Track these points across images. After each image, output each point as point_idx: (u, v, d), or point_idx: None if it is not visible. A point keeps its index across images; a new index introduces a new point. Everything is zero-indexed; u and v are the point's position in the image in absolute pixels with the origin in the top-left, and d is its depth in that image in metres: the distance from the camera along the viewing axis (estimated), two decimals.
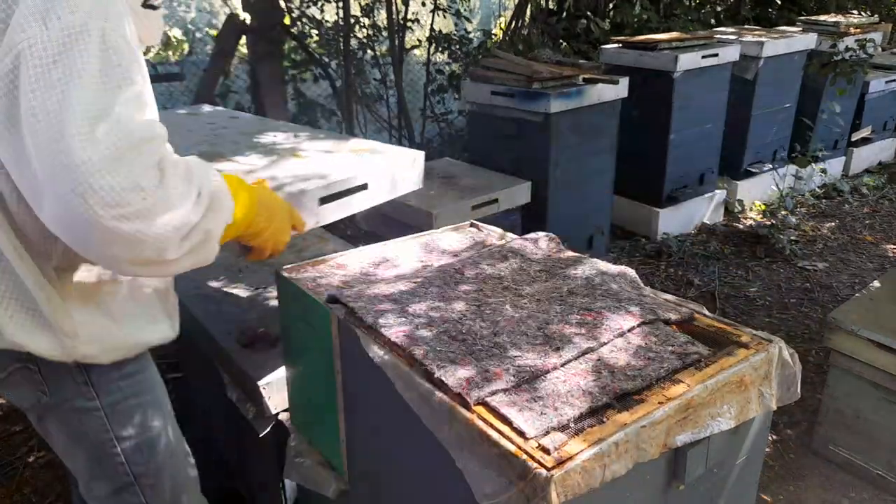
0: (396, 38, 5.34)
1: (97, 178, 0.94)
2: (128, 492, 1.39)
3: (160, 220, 1.01)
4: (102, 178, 0.95)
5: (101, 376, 1.30)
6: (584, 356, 1.18)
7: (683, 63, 4.02)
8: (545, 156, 3.45)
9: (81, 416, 1.31)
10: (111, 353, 1.27)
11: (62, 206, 0.96)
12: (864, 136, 5.63)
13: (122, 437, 1.34)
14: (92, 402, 1.30)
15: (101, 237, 0.98)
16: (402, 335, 1.23)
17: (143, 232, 1.00)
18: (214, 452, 2.49)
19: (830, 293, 3.79)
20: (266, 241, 1.35)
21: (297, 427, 1.67)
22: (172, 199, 1.03)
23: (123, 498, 1.39)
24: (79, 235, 1.00)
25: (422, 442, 1.13)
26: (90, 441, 1.33)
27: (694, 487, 1.16)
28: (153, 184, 1.00)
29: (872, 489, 2.37)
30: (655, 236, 4.41)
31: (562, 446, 0.96)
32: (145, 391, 1.37)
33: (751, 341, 1.23)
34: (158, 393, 1.41)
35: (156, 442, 1.39)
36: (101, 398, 1.31)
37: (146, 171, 1.00)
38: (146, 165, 1.00)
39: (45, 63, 0.94)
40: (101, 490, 1.39)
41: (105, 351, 1.26)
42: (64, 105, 0.94)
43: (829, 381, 2.45)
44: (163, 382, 1.45)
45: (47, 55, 0.95)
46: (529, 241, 1.65)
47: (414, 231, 1.88)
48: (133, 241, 1.00)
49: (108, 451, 1.34)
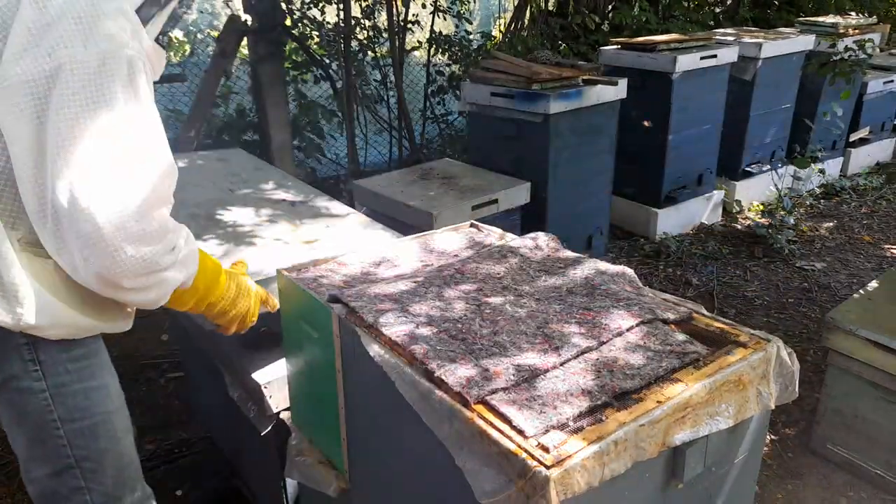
0: (397, 39, 5.35)
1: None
2: (68, 474, 1.39)
3: (140, 249, 1.17)
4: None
5: (49, 356, 1.31)
6: (584, 355, 1.19)
7: (682, 64, 4.03)
8: (544, 156, 3.46)
9: (26, 396, 1.32)
10: (58, 329, 1.28)
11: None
12: (862, 136, 5.64)
13: (65, 420, 1.34)
14: (38, 382, 1.31)
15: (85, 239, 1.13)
16: (403, 334, 1.24)
17: (129, 254, 1.16)
18: (216, 451, 2.50)
19: (828, 293, 3.80)
20: (230, 322, 1.53)
21: (298, 426, 1.68)
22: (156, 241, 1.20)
23: (63, 480, 1.39)
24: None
25: (422, 440, 1.14)
26: (33, 421, 1.34)
27: (692, 486, 1.17)
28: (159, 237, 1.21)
29: (871, 488, 2.38)
30: (654, 236, 4.42)
31: (561, 445, 0.97)
32: (93, 376, 1.38)
33: (749, 341, 1.23)
34: (107, 380, 1.41)
35: (99, 427, 1.39)
36: (47, 379, 1.31)
37: (163, 249, 1.21)
38: (162, 250, 1.21)
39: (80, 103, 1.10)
40: (39, 471, 1.39)
41: (53, 326, 1.27)
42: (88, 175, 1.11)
43: (827, 380, 2.46)
44: (114, 371, 1.46)
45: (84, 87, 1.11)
46: (529, 241, 1.66)
47: (414, 231, 1.88)
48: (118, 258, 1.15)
49: (51, 432, 1.35)
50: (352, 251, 1.69)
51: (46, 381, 1.32)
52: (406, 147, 5.65)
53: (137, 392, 2.94)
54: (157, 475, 2.42)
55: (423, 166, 3.71)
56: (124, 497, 1.47)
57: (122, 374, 1.78)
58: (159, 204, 1.21)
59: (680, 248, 4.29)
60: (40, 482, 1.40)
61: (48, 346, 1.30)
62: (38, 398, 1.32)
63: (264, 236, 2.06)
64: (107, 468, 1.42)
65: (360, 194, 3.37)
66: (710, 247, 4.33)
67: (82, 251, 1.14)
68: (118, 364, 1.79)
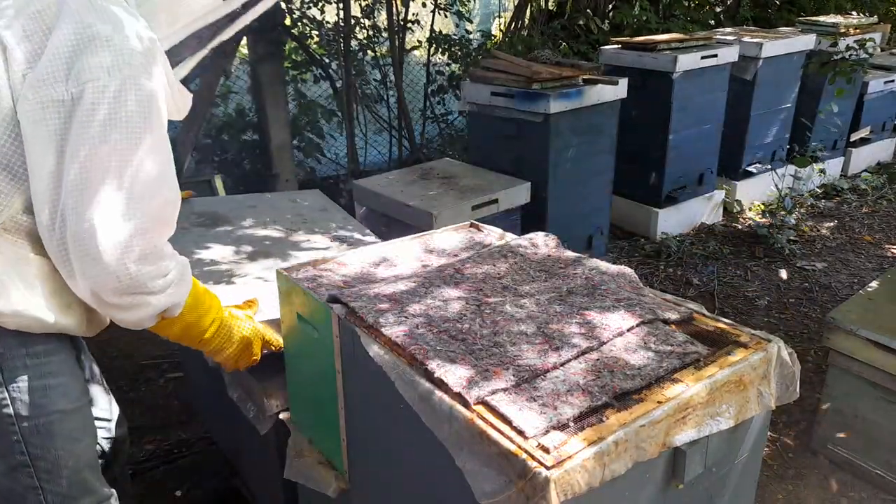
0: (397, 38, 5.34)
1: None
2: (22, 472, 1.38)
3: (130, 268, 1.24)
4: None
5: (7, 350, 1.31)
6: (584, 355, 1.19)
7: (683, 64, 4.03)
8: (545, 156, 3.46)
9: None
10: (16, 318, 1.28)
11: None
12: (862, 136, 5.64)
13: (21, 416, 1.34)
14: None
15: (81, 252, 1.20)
16: (403, 334, 1.23)
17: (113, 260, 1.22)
18: (215, 451, 2.49)
19: (829, 293, 3.80)
20: (227, 360, 1.58)
21: (298, 426, 1.67)
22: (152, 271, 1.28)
23: (17, 478, 1.38)
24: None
25: (422, 441, 1.14)
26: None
27: (693, 486, 1.17)
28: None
29: (871, 488, 2.38)
30: (654, 236, 4.42)
31: (561, 445, 0.97)
32: (52, 374, 1.37)
33: (750, 341, 1.23)
34: (67, 379, 1.41)
35: (55, 426, 1.38)
36: (3, 372, 1.31)
37: (155, 273, 1.28)
38: (154, 273, 1.28)
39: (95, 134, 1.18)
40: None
41: (12, 314, 1.27)
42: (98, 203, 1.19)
43: (827, 380, 2.45)
44: (78, 372, 1.46)
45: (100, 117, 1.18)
46: (529, 241, 1.65)
47: (414, 231, 1.88)
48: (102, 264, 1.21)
49: (6, 427, 1.34)
50: (352, 251, 1.69)
51: (3, 374, 1.31)
52: (406, 147, 5.64)
53: (137, 392, 2.94)
54: (156, 475, 2.42)
55: (423, 166, 3.70)
56: (80, 499, 1.46)
57: (122, 374, 1.79)
58: (159, 229, 1.29)
59: (680, 248, 4.28)
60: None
61: (6, 340, 1.30)
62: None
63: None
64: (62, 468, 1.41)
65: (359, 194, 3.37)
66: (711, 247, 4.33)
67: (80, 263, 1.21)
68: (118, 364, 1.79)
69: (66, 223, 1.19)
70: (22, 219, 1.26)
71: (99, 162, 1.18)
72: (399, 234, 1.87)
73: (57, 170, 1.19)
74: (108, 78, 1.18)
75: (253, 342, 1.60)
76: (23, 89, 1.18)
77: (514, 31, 6.17)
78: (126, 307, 1.29)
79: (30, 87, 1.17)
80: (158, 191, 1.27)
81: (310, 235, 2.20)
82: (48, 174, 1.19)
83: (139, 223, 1.23)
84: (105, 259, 1.20)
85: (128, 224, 1.22)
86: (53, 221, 1.21)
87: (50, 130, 1.18)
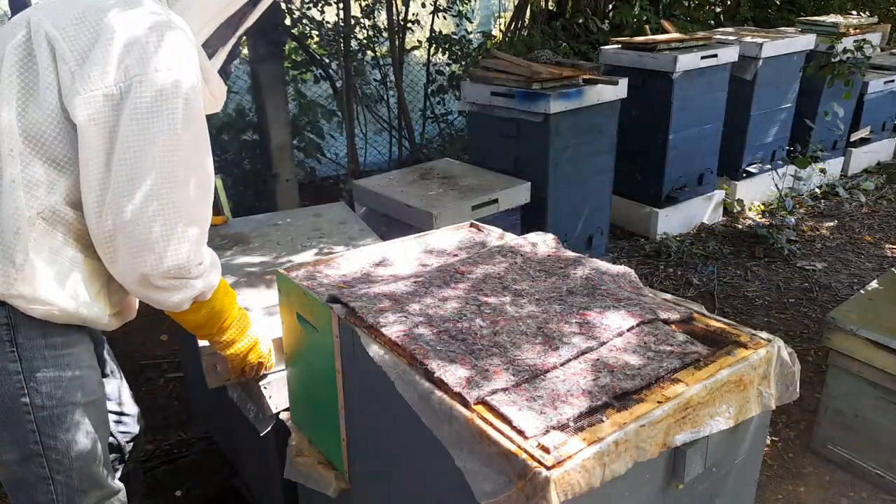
0: (397, 38, 5.34)
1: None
2: (34, 462, 1.40)
3: (174, 254, 1.32)
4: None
5: (26, 340, 1.34)
6: (584, 356, 1.19)
7: (683, 64, 4.03)
8: (545, 156, 3.45)
9: (1, 376, 1.33)
10: (41, 306, 1.31)
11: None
12: (862, 136, 5.63)
13: (36, 406, 1.36)
14: (13, 363, 1.33)
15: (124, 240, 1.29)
16: (402, 334, 1.23)
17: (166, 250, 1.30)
18: (216, 451, 2.49)
19: (829, 293, 3.80)
20: (237, 356, 1.58)
21: (298, 426, 1.67)
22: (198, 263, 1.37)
23: (29, 468, 1.40)
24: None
25: (422, 441, 1.14)
26: (4, 403, 1.35)
27: (693, 486, 1.17)
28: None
29: (871, 488, 2.38)
30: (654, 236, 4.42)
31: (561, 445, 0.97)
32: (69, 366, 1.39)
33: (750, 341, 1.23)
34: (84, 373, 1.43)
35: (68, 417, 1.41)
36: (22, 362, 1.34)
37: (195, 260, 1.37)
38: (195, 260, 1.37)
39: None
40: (8, 455, 1.40)
41: (37, 300, 1.30)
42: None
43: (828, 380, 2.45)
44: (96, 366, 1.49)
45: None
46: (529, 242, 1.65)
47: (414, 231, 1.88)
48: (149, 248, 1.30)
49: (21, 416, 1.36)
50: (352, 251, 1.69)
51: (21, 364, 1.34)
52: (406, 147, 5.64)
53: (137, 392, 2.93)
54: (156, 475, 2.42)
55: (423, 166, 3.70)
56: (89, 492, 1.48)
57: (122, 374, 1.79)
58: (199, 219, 1.36)
59: (680, 248, 4.28)
60: (9, 467, 1.41)
61: (27, 329, 1.33)
62: (13, 380, 1.34)
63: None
64: (73, 460, 1.43)
65: (359, 194, 3.37)
66: (711, 247, 4.33)
67: (129, 250, 1.28)
68: (118, 364, 1.79)
69: (117, 211, 1.26)
70: (62, 210, 1.30)
71: (147, 153, 1.25)
72: (399, 234, 1.87)
73: (107, 161, 1.25)
74: (154, 74, 1.25)
75: (258, 343, 1.62)
76: (73, 84, 1.24)
77: (514, 31, 6.17)
78: (170, 289, 1.36)
79: (80, 82, 1.24)
80: (202, 180, 1.35)
81: (318, 250, 2.20)
82: (99, 165, 1.25)
83: (186, 210, 1.31)
84: (156, 244, 1.28)
85: (176, 211, 1.29)
86: (101, 208, 1.26)
87: (100, 123, 1.24)
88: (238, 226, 2.44)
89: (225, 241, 2.29)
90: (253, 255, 2.17)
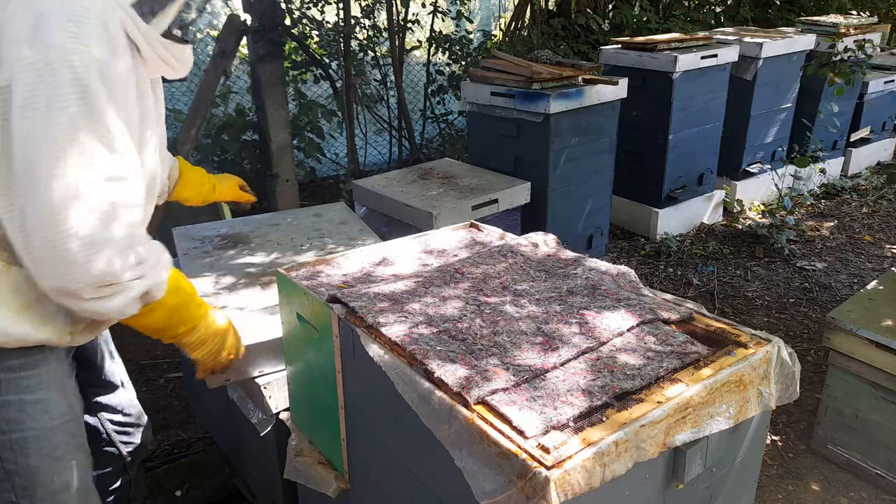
0: (397, 39, 5.35)
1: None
2: (1, 487, 1.34)
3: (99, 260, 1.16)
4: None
5: None
6: (584, 356, 1.19)
7: (683, 64, 4.03)
8: (545, 156, 3.45)
9: None
10: None
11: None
12: (862, 136, 5.63)
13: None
14: None
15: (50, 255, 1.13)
16: (402, 334, 1.23)
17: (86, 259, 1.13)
18: (216, 451, 2.49)
19: (829, 293, 3.80)
20: (206, 356, 1.47)
21: (298, 426, 1.67)
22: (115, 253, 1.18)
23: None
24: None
25: (421, 441, 1.14)
26: None
27: (693, 486, 1.17)
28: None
29: (871, 488, 2.38)
30: (654, 236, 4.42)
31: (561, 445, 0.96)
32: (29, 389, 1.31)
33: (750, 341, 1.23)
34: (49, 395, 1.34)
35: (31, 443, 1.33)
36: None
37: (127, 263, 1.20)
38: (126, 263, 1.20)
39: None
40: None
41: None
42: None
43: (827, 380, 2.45)
44: (64, 387, 1.39)
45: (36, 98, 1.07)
46: (529, 242, 1.65)
47: (414, 231, 1.88)
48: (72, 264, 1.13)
49: None
50: (351, 251, 1.69)
51: None
52: (406, 147, 5.64)
53: (137, 392, 2.93)
54: (156, 475, 2.41)
55: (423, 166, 3.70)
56: None
57: None
58: (122, 213, 1.18)
59: (680, 247, 4.29)
60: None
61: None
62: None
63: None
64: (38, 486, 1.36)
65: (359, 194, 3.37)
66: (711, 247, 4.33)
67: (45, 260, 1.13)
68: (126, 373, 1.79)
69: (22, 220, 1.11)
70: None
71: (42, 150, 1.08)
72: (399, 234, 1.87)
73: (5, 163, 1.09)
74: (33, 55, 1.06)
75: (224, 343, 1.51)
76: None
77: (514, 30, 6.17)
78: (105, 297, 1.20)
79: None
80: (110, 172, 1.15)
81: (318, 250, 2.20)
82: (1, 169, 1.11)
83: (96, 207, 1.13)
84: (68, 250, 1.12)
85: (85, 213, 1.12)
86: (12, 216, 1.12)
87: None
88: (238, 226, 2.44)
89: (225, 241, 2.29)
90: (253, 255, 2.17)
